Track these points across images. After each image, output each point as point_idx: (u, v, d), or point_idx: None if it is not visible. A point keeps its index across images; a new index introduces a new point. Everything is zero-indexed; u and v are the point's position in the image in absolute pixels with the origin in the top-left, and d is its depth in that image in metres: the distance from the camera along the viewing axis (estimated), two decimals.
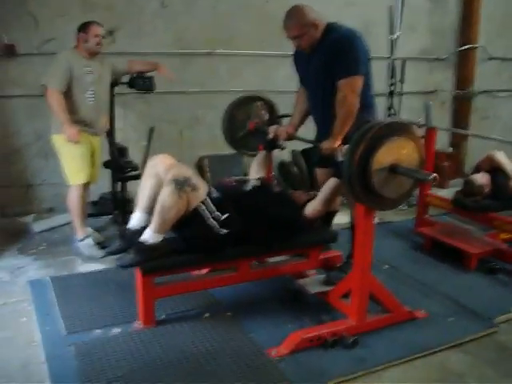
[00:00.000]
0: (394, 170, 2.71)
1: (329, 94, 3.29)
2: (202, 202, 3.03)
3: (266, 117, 3.90)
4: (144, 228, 3.02)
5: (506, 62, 7.28)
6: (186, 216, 2.99)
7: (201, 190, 3.04)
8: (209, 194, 3.14)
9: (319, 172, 3.74)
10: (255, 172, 3.81)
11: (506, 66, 7.31)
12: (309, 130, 3.70)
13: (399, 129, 2.75)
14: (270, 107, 3.99)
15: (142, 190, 3.14)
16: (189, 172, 3.07)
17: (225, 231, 3.06)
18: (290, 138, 3.66)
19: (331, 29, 3.30)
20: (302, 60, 3.50)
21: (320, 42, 3.29)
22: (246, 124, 3.92)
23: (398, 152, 2.72)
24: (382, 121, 2.79)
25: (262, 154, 3.83)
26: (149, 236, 2.96)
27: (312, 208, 3.38)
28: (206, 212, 3.03)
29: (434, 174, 2.62)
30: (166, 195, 2.91)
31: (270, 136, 3.70)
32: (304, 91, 3.63)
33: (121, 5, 5.10)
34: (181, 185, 2.91)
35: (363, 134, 2.68)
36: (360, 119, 3.21)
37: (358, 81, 3.22)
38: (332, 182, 3.32)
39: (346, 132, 3.21)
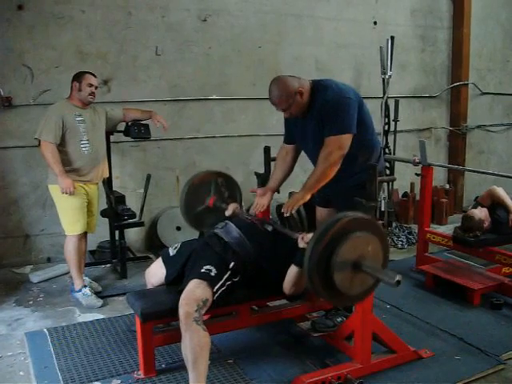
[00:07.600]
0: (358, 266, 2.56)
1: None
2: (214, 293, 2.90)
3: (226, 194, 3.75)
4: None
5: (497, 97, 7.39)
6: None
7: (210, 299, 2.86)
8: (227, 230, 3.17)
9: (319, 212, 3.64)
10: None
11: (497, 101, 7.41)
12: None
13: (366, 224, 2.63)
14: (231, 184, 3.85)
15: None
16: (195, 295, 2.83)
17: (235, 279, 3.01)
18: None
19: (318, 88, 3.20)
20: (296, 124, 3.38)
21: (310, 104, 3.20)
22: (206, 200, 3.73)
23: (362, 248, 2.57)
24: (349, 214, 2.61)
25: None
26: None
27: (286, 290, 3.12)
28: (221, 290, 2.93)
29: (399, 278, 2.43)
30: (189, 342, 2.68)
31: (228, 213, 3.53)
32: (291, 149, 3.54)
33: (115, 54, 5.17)
34: (198, 318, 2.74)
35: (329, 226, 2.54)
36: (367, 160, 3.21)
37: (347, 139, 3.10)
38: (293, 271, 3.03)
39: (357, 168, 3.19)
